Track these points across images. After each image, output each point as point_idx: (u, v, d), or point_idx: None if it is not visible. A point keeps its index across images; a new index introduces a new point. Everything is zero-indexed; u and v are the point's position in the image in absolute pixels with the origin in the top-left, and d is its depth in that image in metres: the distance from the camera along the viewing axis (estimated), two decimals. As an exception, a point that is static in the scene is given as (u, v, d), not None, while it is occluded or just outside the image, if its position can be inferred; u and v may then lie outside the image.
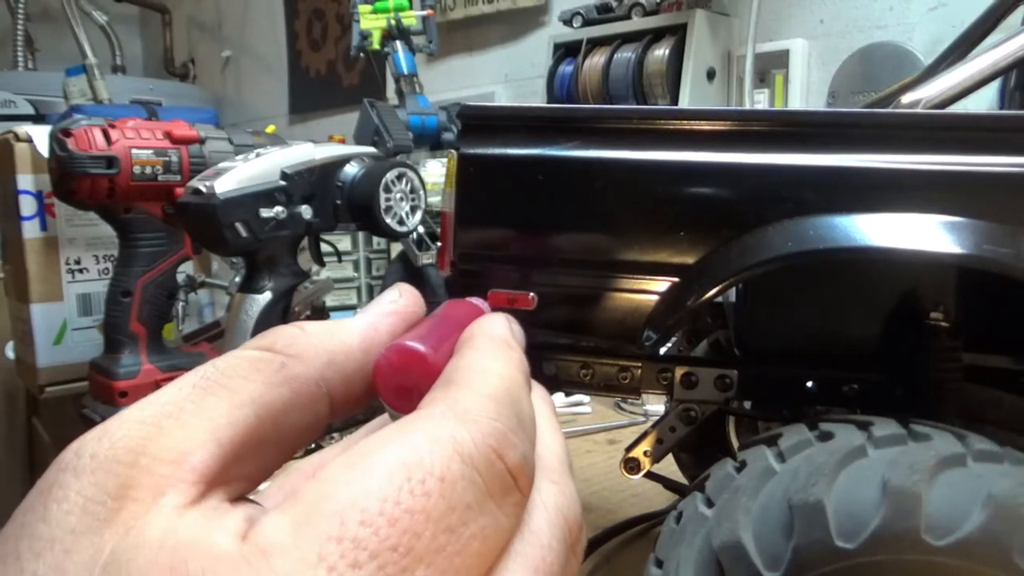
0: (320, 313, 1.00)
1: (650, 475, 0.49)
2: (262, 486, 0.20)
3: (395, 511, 0.15)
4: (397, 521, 0.15)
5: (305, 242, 0.82)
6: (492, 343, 0.22)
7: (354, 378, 0.21)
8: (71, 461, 0.16)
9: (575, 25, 1.55)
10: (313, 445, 0.80)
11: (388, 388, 0.21)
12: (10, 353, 1.03)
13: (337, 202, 0.81)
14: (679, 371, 0.44)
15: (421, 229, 0.91)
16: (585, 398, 0.95)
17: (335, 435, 0.83)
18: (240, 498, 0.18)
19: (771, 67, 1.35)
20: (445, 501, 0.16)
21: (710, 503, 0.35)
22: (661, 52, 1.39)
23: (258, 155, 0.75)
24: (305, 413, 0.20)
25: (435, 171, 1.12)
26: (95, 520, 0.15)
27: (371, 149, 0.89)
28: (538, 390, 0.24)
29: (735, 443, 0.55)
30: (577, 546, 0.20)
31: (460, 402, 0.19)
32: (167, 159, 0.80)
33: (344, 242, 1.20)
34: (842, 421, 0.36)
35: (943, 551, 0.29)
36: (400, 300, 0.24)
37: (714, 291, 0.37)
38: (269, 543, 0.15)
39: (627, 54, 1.43)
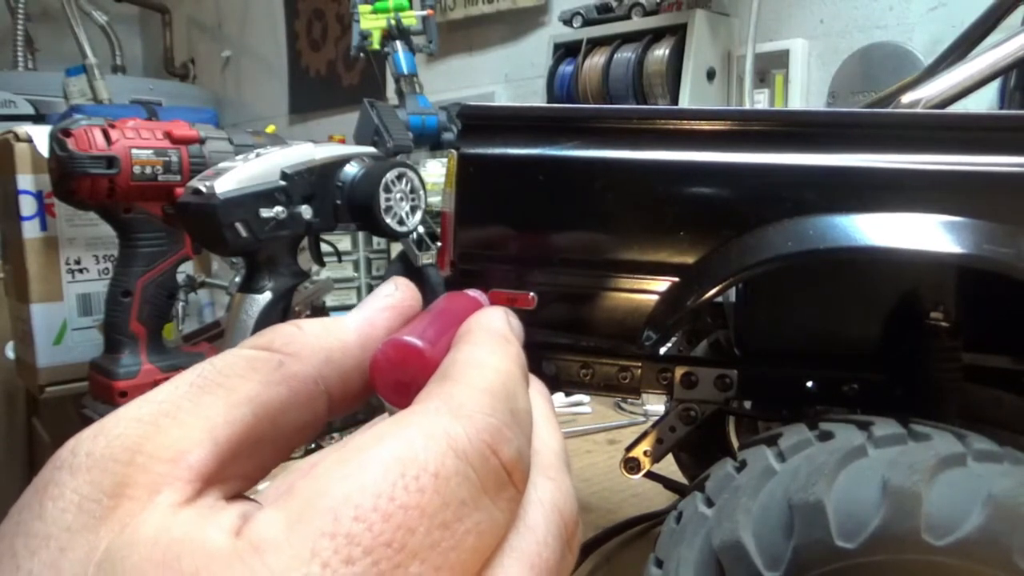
0: (320, 313, 1.00)
1: (650, 475, 0.49)
2: (261, 485, 0.20)
3: (389, 507, 0.15)
4: (391, 517, 0.15)
5: (305, 242, 0.82)
6: (489, 337, 0.22)
7: (352, 375, 0.21)
8: (67, 459, 0.16)
9: (575, 25, 1.55)
10: (313, 445, 0.80)
11: (386, 384, 0.21)
12: (10, 353, 1.03)
13: (337, 202, 0.81)
14: (679, 371, 0.44)
15: (421, 229, 0.91)
16: (585, 398, 0.95)
17: (335, 435, 0.83)
18: (237, 496, 0.18)
19: (771, 67, 1.35)
20: (439, 497, 0.16)
21: (710, 503, 0.35)
22: (661, 52, 1.39)
23: (258, 155, 0.75)
24: (303, 411, 0.20)
25: (435, 171, 1.12)
26: (90, 518, 0.15)
27: (371, 149, 0.89)
28: (536, 385, 0.24)
29: (735, 443, 0.55)
30: (573, 542, 0.20)
31: (455, 397, 0.19)
32: (167, 159, 0.80)
33: (344, 242, 1.20)
34: (842, 421, 0.36)
35: (943, 551, 0.29)
36: (396, 294, 0.24)
37: (714, 291, 0.37)
38: (263, 539, 0.15)
39: (627, 54, 1.43)
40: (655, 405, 0.90)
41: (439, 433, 0.17)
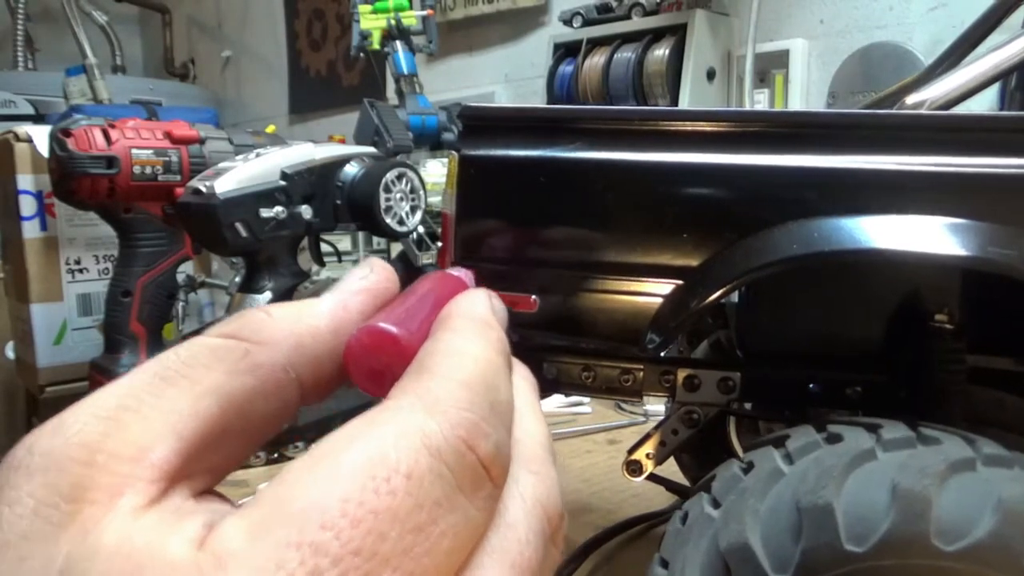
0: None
1: (652, 477, 0.49)
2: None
3: (358, 512, 0.15)
4: (360, 523, 0.15)
5: (305, 242, 0.82)
6: (470, 324, 0.21)
7: (324, 361, 0.20)
8: (23, 458, 0.15)
9: (575, 25, 1.55)
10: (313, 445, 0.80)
11: (360, 372, 0.20)
12: (10, 353, 1.03)
13: (337, 202, 0.81)
14: (681, 373, 0.43)
15: (421, 229, 0.91)
16: (585, 398, 0.95)
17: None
18: (206, 491, 0.17)
19: (771, 67, 1.35)
20: (412, 499, 0.15)
21: (716, 504, 0.35)
22: (661, 52, 1.39)
23: (258, 155, 0.75)
24: (272, 400, 0.19)
25: (435, 171, 1.12)
26: (48, 524, 0.15)
27: (371, 149, 0.89)
28: (520, 370, 0.23)
29: (736, 444, 0.54)
30: (557, 537, 0.19)
31: (432, 391, 0.18)
32: (167, 159, 0.80)
33: (344, 242, 1.20)
34: (850, 423, 0.35)
35: (953, 556, 0.28)
36: (371, 276, 0.23)
37: (719, 294, 0.37)
38: (225, 550, 0.14)
39: (627, 54, 1.42)
40: (655, 405, 0.89)
41: (412, 431, 0.16)
